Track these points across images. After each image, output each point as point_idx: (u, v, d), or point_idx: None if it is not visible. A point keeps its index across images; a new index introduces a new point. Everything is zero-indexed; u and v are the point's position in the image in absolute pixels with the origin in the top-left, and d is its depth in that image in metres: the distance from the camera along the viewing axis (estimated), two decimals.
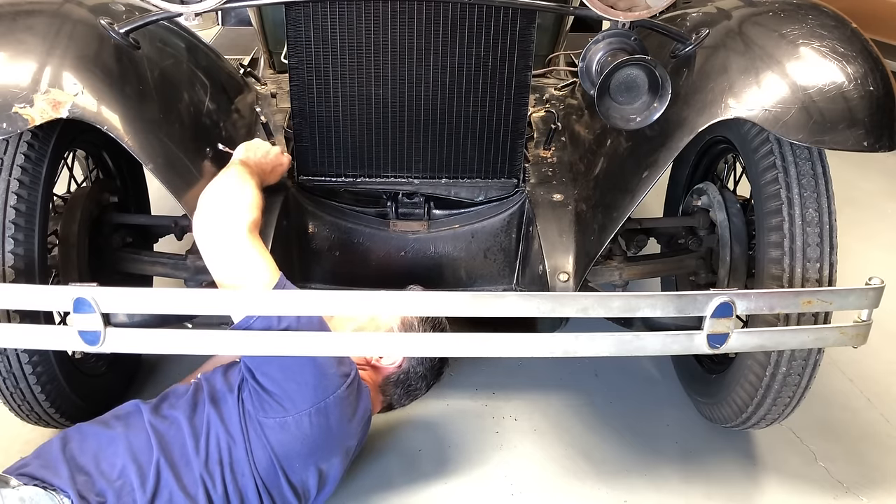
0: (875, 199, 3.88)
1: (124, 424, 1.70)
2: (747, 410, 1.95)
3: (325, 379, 1.66)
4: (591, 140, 2.18)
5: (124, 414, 1.75)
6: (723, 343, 1.64)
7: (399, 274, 2.12)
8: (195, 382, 1.81)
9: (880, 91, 1.62)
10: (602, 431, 2.23)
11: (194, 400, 1.74)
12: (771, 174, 1.80)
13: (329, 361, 1.67)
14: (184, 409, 1.72)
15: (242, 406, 1.69)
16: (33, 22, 1.68)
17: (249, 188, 1.70)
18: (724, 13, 1.86)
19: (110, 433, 1.68)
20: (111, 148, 2.23)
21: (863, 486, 2.07)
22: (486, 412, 2.27)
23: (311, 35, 1.86)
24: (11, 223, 1.70)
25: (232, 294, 1.60)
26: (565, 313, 1.62)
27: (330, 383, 1.66)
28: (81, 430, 1.71)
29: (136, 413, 1.74)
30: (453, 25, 1.85)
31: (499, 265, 2.15)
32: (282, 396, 1.63)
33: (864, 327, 1.69)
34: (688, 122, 1.73)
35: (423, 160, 2.03)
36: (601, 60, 1.77)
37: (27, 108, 1.55)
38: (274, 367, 1.63)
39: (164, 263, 2.07)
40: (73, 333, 1.55)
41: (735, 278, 2.06)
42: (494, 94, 1.95)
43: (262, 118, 2.22)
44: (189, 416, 1.70)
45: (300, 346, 1.57)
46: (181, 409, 1.72)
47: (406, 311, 1.76)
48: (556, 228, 2.01)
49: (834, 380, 2.48)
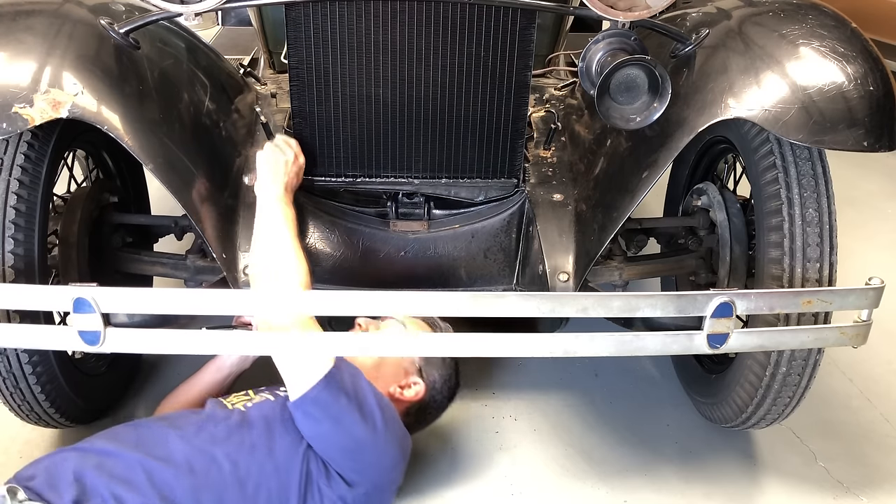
0: (875, 199, 3.87)
1: (147, 450, 1.59)
2: (747, 410, 1.95)
3: (395, 469, 1.73)
4: (591, 140, 2.18)
5: (150, 437, 1.63)
6: (723, 343, 1.64)
7: (399, 274, 2.12)
8: (240, 413, 1.72)
9: (880, 91, 1.62)
10: (602, 431, 2.23)
11: (241, 438, 1.64)
12: (771, 174, 1.80)
13: (396, 449, 1.71)
14: (226, 447, 1.61)
15: (306, 465, 1.63)
16: (33, 22, 1.68)
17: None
18: (724, 13, 1.86)
19: (130, 458, 1.57)
20: (111, 148, 2.23)
21: (863, 486, 2.07)
22: (486, 412, 2.27)
23: (311, 35, 1.86)
24: (11, 223, 1.70)
25: (232, 294, 1.60)
26: (565, 313, 1.61)
27: (396, 469, 1.73)
28: (99, 449, 1.59)
29: (163, 437, 1.62)
30: (453, 25, 1.85)
31: (499, 265, 2.15)
32: (351, 478, 1.65)
33: (864, 327, 1.69)
34: (688, 122, 1.73)
35: (423, 160, 2.03)
36: (601, 60, 1.77)
37: (27, 108, 1.55)
38: (348, 460, 1.65)
39: (164, 263, 2.07)
40: (73, 333, 1.55)
41: (735, 278, 2.06)
42: (494, 94, 1.95)
43: (262, 118, 2.22)
44: (234, 457, 1.60)
45: (300, 346, 1.58)
46: (224, 445, 1.62)
47: (406, 312, 1.76)
48: (556, 228, 2.01)
49: (834, 380, 2.48)
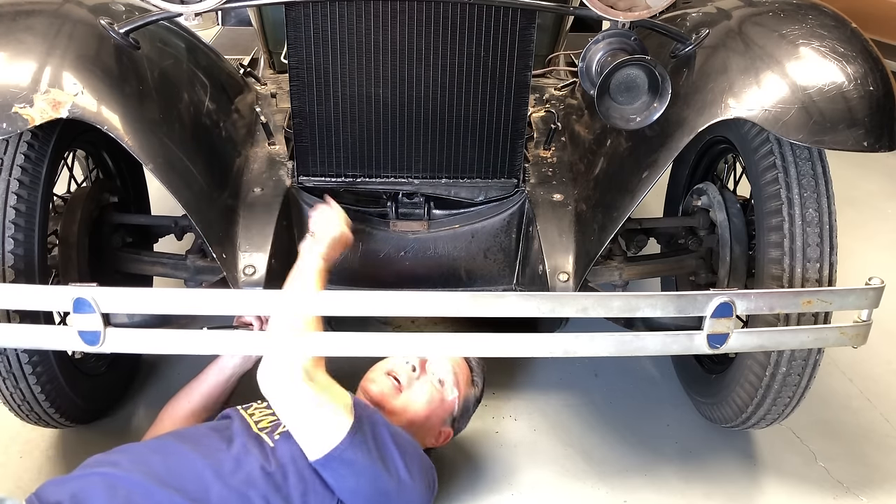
0: (875, 199, 3.87)
1: (181, 486, 1.54)
2: (747, 410, 1.95)
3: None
4: (591, 140, 2.18)
5: (182, 469, 1.58)
6: (723, 343, 1.64)
7: (399, 274, 2.12)
8: (270, 450, 1.66)
9: (880, 91, 1.62)
10: (602, 431, 2.23)
11: (275, 483, 1.60)
12: (771, 174, 1.80)
13: (423, 487, 1.70)
14: (262, 489, 1.58)
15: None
16: (33, 22, 1.67)
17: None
18: (724, 13, 1.86)
19: (163, 496, 1.51)
20: (111, 148, 2.23)
21: (863, 486, 2.07)
22: (486, 412, 2.27)
23: (311, 35, 1.86)
24: (11, 223, 1.70)
25: (232, 294, 1.60)
26: (565, 313, 1.62)
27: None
28: (129, 480, 1.53)
29: (197, 471, 1.57)
30: (453, 25, 1.85)
31: (499, 265, 2.15)
32: None
33: (864, 327, 1.70)
34: (688, 122, 1.73)
35: (423, 160, 2.03)
36: (601, 60, 1.77)
37: (27, 108, 1.55)
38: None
39: (164, 263, 2.07)
40: (73, 333, 1.55)
41: (735, 278, 2.06)
42: (494, 94, 1.95)
43: (262, 118, 2.22)
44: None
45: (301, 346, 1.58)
46: (259, 487, 1.58)
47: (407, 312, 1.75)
48: (556, 228, 2.01)
49: (834, 380, 2.48)
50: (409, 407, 1.85)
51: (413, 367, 1.91)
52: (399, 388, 1.87)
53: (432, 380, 1.91)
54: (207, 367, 2.02)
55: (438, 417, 1.90)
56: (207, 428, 1.76)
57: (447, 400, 1.91)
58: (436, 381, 1.90)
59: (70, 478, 1.58)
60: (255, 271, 1.87)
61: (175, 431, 1.81)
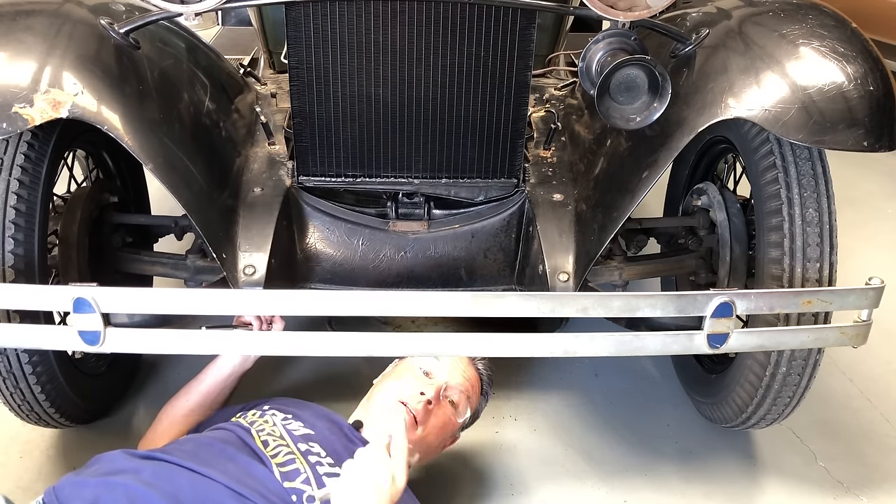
0: (875, 199, 3.87)
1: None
2: (747, 410, 1.95)
3: None
4: (591, 140, 2.18)
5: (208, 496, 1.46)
6: (723, 343, 1.64)
7: (399, 274, 2.12)
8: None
9: (880, 91, 1.62)
10: (602, 431, 2.23)
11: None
12: (771, 174, 1.80)
13: None
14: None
15: None
16: (33, 22, 1.67)
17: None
18: (724, 13, 1.85)
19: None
20: (111, 148, 2.23)
21: (863, 486, 2.07)
22: (487, 412, 2.26)
23: (311, 35, 1.86)
24: (11, 223, 1.70)
25: (232, 294, 1.60)
26: (565, 313, 1.62)
27: None
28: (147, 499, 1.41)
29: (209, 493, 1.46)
30: (453, 25, 1.85)
31: (499, 265, 2.15)
32: None
33: (864, 327, 1.70)
34: (688, 122, 1.73)
35: (423, 160, 2.03)
36: (601, 60, 1.77)
37: (27, 108, 1.55)
38: None
39: (164, 263, 2.07)
40: (73, 333, 1.55)
41: (735, 278, 2.06)
42: (494, 94, 1.95)
43: (262, 118, 2.22)
44: None
45: (302, 346, 1.58)
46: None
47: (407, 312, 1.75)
48: (556, 228, 2.01)
49: (834, 380, 2.48)
50: (426, 440, 1.82)
51: (429, 402, 1.83)
52: (415, 425, 1.81)
53: (445, 404, 1.87)
54: (206, 367, 2.02)
55: (449, 434, 1.91)
56: (235, 449, 1.61)
57: (459, 421, 1.92)
58: (448, 407, 1.88)
59: (91, 482, 1.47)
60: (255, 271, 1.87)
61: (200, 439, 1.67)
